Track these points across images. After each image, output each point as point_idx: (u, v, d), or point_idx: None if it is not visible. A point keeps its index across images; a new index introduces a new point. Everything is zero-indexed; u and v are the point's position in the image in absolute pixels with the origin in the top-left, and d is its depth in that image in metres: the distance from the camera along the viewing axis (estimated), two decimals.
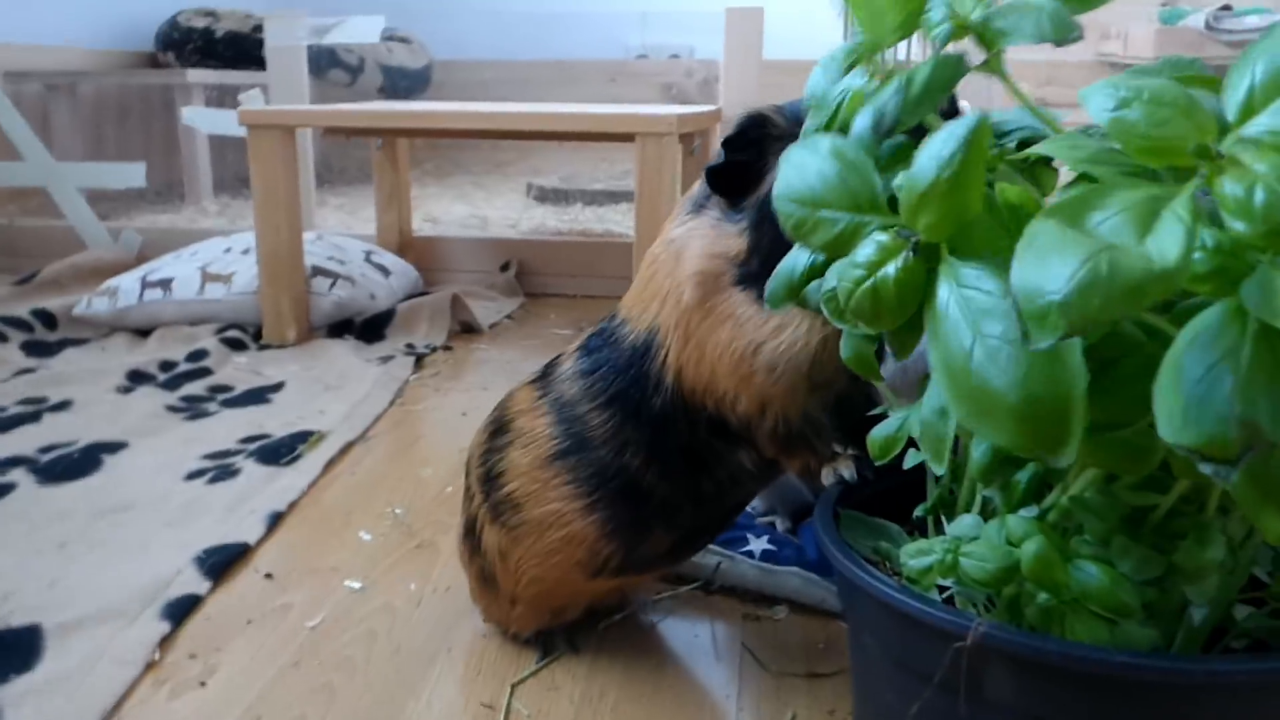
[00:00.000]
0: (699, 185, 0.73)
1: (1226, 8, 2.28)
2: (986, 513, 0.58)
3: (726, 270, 0.69)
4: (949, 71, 0.54)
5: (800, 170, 0.53)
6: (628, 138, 1.66)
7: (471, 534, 0.84)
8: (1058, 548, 0.51)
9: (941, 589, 0.59)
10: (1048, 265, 0.38)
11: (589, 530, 0.76)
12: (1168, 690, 0.48)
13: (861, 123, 0.54)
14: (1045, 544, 0.51)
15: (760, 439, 0.70)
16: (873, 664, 0.61)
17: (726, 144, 0.67)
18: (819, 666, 0.83)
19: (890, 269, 0.48)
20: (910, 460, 0.59)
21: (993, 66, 0.54)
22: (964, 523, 0.57)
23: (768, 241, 0.66)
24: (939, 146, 0.45)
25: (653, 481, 0.73)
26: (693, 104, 2.43)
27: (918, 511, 0.61)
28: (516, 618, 0.84)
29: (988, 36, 0.53)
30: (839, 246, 0.51)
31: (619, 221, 2.74)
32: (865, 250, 0.49)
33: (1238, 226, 0.37)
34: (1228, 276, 0.38)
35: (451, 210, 2.90)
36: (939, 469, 0.56)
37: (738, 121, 0.67)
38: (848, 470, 0.67)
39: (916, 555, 0.56)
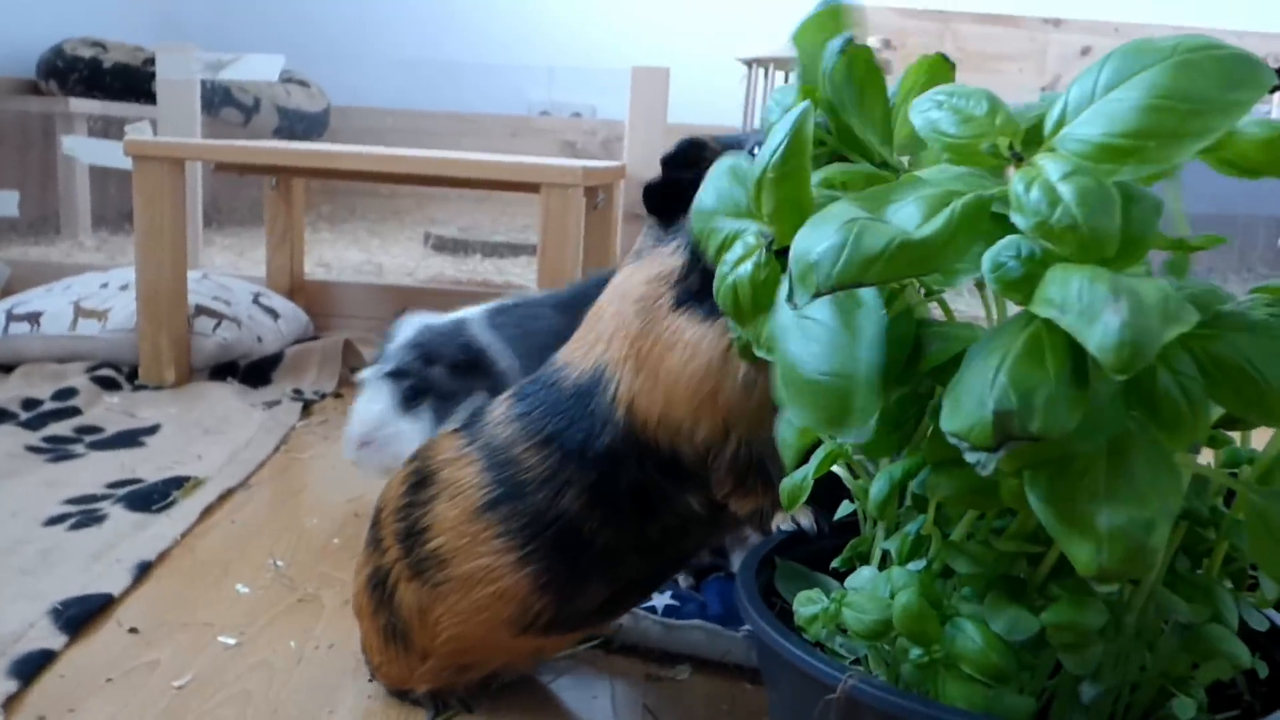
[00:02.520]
0: (640, 238, 0.72)
1: None
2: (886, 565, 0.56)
3: (664, 294, 0.68)
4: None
5: (706, 189, 0.57)
6: (532, 188, 1.64)
7: (381, 587, 0.78)
8: (934, 602, 0.50)
9: None
10: (817, 234, 0.42)
11: (520, 585, 0.71)
12: None
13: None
14: (917, 596, 0.49)
15: (717, 472, 0.67)
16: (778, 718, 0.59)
17: (665, 162, 0.69)
18: None
19: (747, 266, 0.51)
20: (842, 511, 0.57)
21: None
22: (863, 574, 0.56)
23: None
24: (772, 140, 0.49)
25: (594, 528, 0.70)
26: None
27: (834, 563, 0.60)
28: (421, 674, 0.78)
29: None
30: (723, 252, 0.54)
31: (519, 274, 2.72)
32: (734, 251, 0.53)
33: (1017, 221, 0.40)
34: (1033, 283, 0.40)
35: (345, 256, 2.83)
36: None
37: (677, 144, 0.69)
38: (805, 519, 0.65)
39: (805, 604, 0.55)
